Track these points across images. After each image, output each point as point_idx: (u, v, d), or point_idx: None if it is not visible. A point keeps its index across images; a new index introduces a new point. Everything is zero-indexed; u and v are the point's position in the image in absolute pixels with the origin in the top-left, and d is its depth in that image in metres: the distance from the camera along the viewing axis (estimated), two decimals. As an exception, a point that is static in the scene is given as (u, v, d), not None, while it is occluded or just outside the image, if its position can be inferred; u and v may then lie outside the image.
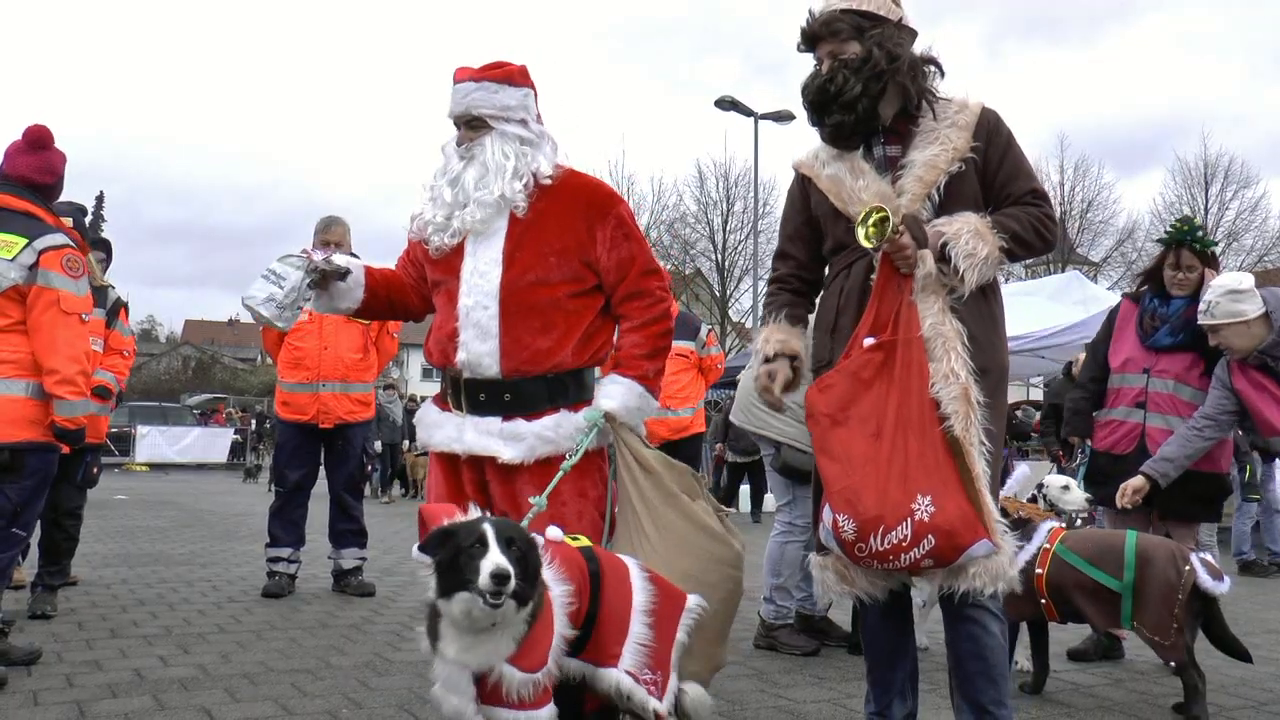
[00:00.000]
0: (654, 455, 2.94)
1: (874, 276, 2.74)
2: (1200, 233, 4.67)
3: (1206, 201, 30.66)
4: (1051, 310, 11.82)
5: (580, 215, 3.01)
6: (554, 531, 2.67)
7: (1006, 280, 27.84)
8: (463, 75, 3.10)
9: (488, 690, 2.35)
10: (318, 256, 3.17)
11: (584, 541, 2.75)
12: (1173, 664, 3.62)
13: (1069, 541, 3.89)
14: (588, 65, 65.57)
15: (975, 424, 2.61)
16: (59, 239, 4.00)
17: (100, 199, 51.50)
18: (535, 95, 3.16)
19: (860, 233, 2.63)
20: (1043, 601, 3.86)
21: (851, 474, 2.63)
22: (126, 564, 6.91)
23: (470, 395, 3.03)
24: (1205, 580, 3.62)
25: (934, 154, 2.74)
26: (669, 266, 28.58)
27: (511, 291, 2.97)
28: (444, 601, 2.29)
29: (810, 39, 2.85)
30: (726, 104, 21.27)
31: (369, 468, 15.32)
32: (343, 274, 3.22)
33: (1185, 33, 58.22)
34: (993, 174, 2.79)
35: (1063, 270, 21.95)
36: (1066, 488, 4.43)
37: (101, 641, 4.57)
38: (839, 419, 2.68)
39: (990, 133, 2.78)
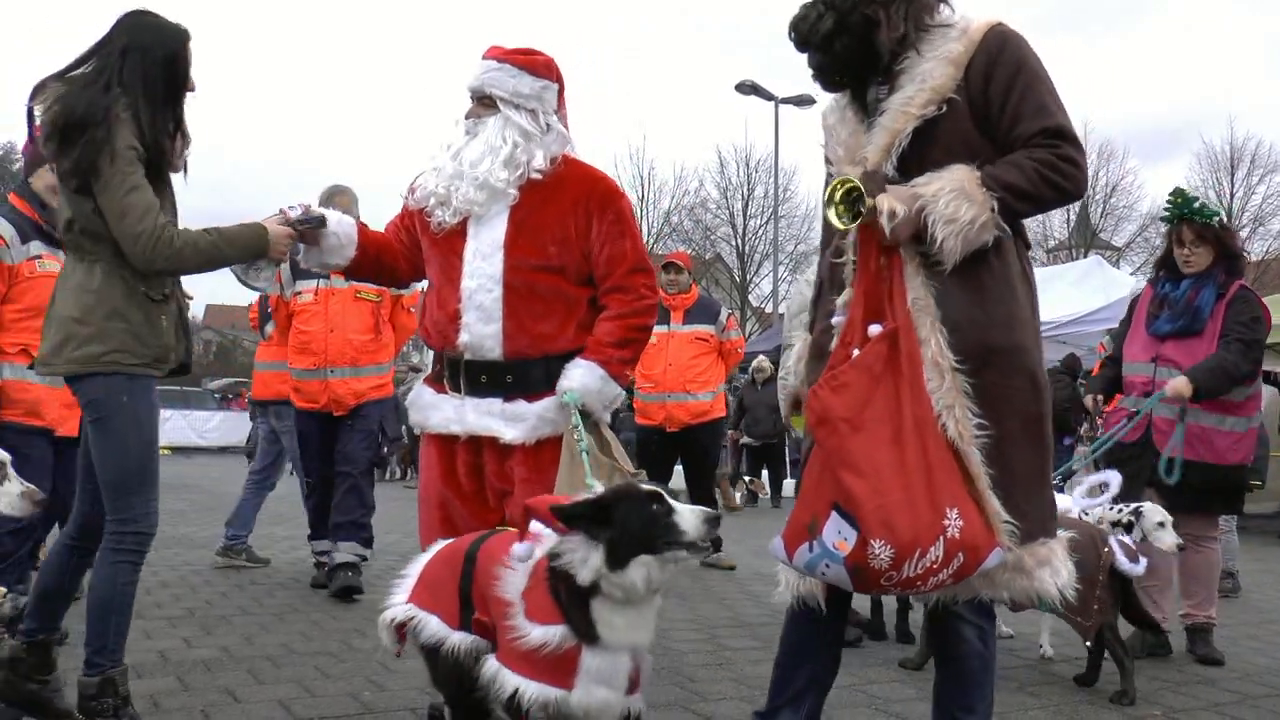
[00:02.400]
0: (589, 445, 2.75)
1: (846, 242, 2.43)
2: (1197, 203, 4.46)
3: (1232, 187, 30.34)
4: (1074, 296, 11.76)
5: (581, 207, 3.04)
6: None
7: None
8: (490, 53, 3.14)
9: (632, 679, 2.28)
10: (292, 213, 3.14)
11: None
12: (1089, 642, 3.74)
13: None
14: (603, 54, 65.39)
15: (967, 418, 2.27)
16: None
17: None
18: (559, 89, 3.15)
19: (830, 213, 2.29)
20: None
21: (884, 490, 2.19)
22: (149, 546, 6.97)
23: (471, 377, 3.04)
24: (1122, 562, 3.74)
25: (908, 96, 2.34)
26: (690, 251, 28.58)
27: (515, 276, 3.00)
28: (618, 573, 2.15)
29: None
30: (747, 88, 21.14)
31: (383, 449, 15.18)
32: (315, 224, 3.15)
33: (1211, 18, 57.36)
34: (996, 112, 2.33)
35: (1086, 255, 21.80)
36: (1162, 524, 4.10)
37: (126, 623, 4.60)
38: (857, 423, 2.25)
39: (991, 62, 2.32)
